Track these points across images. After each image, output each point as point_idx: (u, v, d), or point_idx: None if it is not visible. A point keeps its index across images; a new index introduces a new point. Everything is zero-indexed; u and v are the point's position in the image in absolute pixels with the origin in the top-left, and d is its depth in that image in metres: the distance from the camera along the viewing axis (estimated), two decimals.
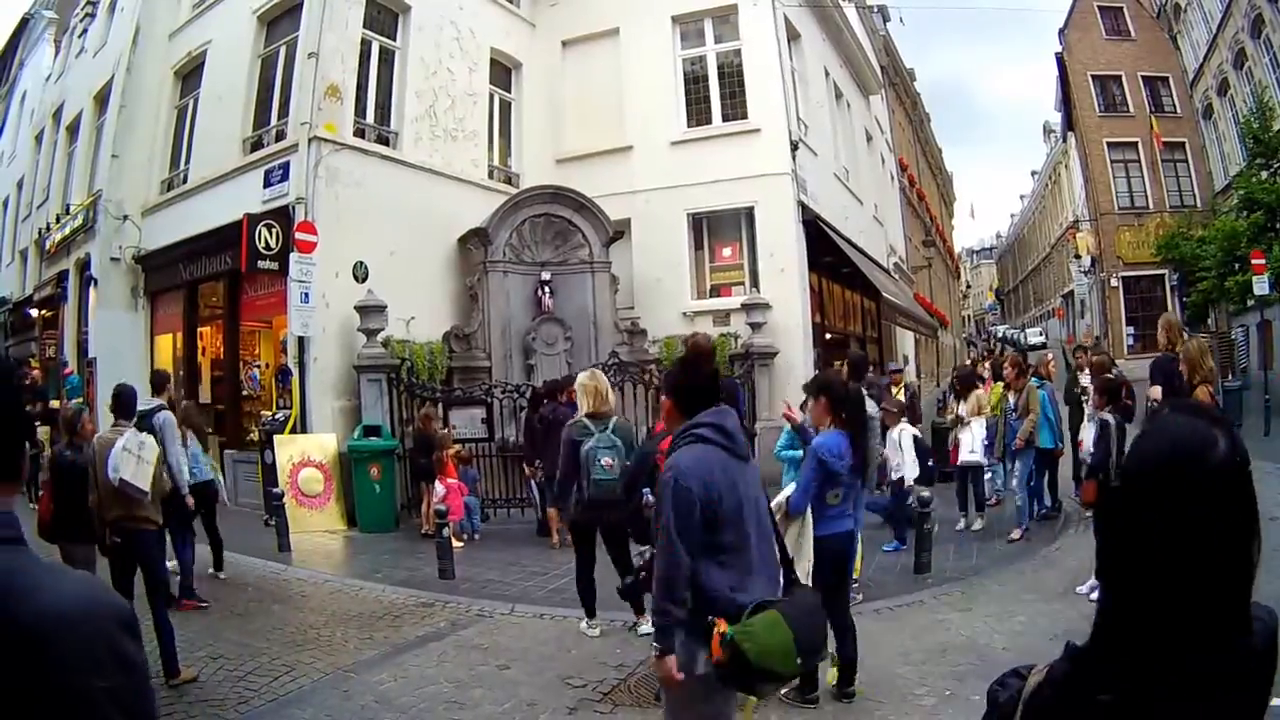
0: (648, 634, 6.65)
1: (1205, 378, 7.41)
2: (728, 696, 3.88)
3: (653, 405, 14.54)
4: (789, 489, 6.10)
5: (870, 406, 7.79)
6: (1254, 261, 21.30)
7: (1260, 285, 21.11)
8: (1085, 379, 13.30)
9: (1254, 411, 18.24)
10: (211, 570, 10.34)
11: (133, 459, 6.84)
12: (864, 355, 9.31)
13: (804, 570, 5.72)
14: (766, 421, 15.39)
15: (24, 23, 29.35)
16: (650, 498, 6.14)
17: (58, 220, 20.98)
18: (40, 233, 22.38)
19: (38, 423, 16.33)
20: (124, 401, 7.56)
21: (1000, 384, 12.32)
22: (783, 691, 5.66)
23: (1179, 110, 35.58)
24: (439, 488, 12.33)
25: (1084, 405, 11.68)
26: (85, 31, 22.71)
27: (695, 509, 3.58)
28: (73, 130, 22.15)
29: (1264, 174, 24.75)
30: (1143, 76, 36.13)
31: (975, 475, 11.80)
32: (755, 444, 15.17)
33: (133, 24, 18.56)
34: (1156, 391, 8.15)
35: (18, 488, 1.53)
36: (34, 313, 23.40)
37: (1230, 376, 21.76)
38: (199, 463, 9.95)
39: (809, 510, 5.94)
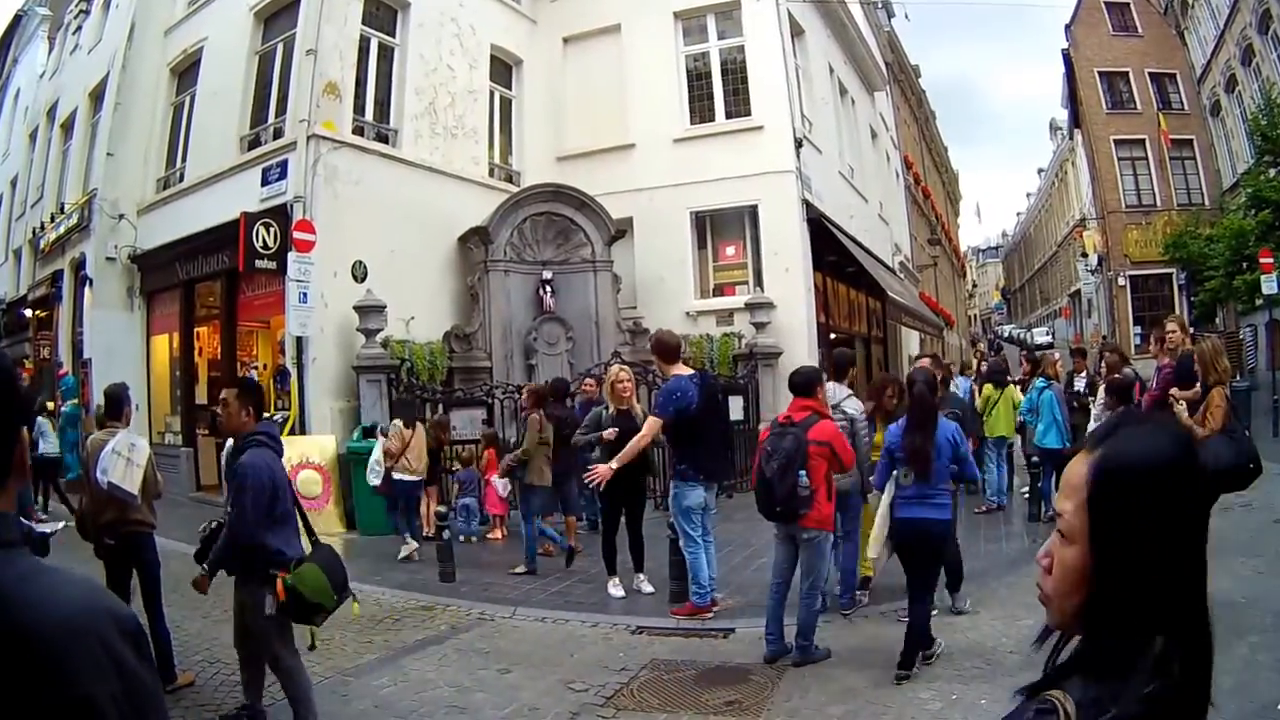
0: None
1: (1220, 379, 7.39)
2: (290, 628, 5.51)
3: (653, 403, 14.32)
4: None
5: (853, 407, 8.12)
6: (1262, 260, 21.10)
7: (1269, 284, 20.92)
8: (1080, 382, 13.26)
9: (1262, 412, 18.11)
10: None
11: (122, 461, 6.70)
12: (848, 352, 9.17)
13: (874, 547, 6.93)
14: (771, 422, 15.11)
15: (17, 19, 29.12)
16: (805, 478, 6.66)
17: (52, 219, 20.81)
18: (34, 232, 22.20)
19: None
20: (115, 402, 7.39)
21: (990, 385, 12.95)
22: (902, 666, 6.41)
23: (1186, 107, 35.34)
24: (497, 483, 12.20)
25: (1089, 408, 11.69)
26: (80, 28, 22.49)
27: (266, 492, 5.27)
28: (67, 128, 21.95)
29: (1272, 172, 24.62)
30: (1150, 73, 35.87)
31: None
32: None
33: (128, 20, 18.39)
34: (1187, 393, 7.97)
35: (14, 487, 1.45)
36: (28, 313, 23.15)
37: (1239, 377, 21.51)
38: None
39: (888, 490, 6.80)
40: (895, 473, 6.74)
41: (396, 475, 11.37)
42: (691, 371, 8.44)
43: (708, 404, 8.19)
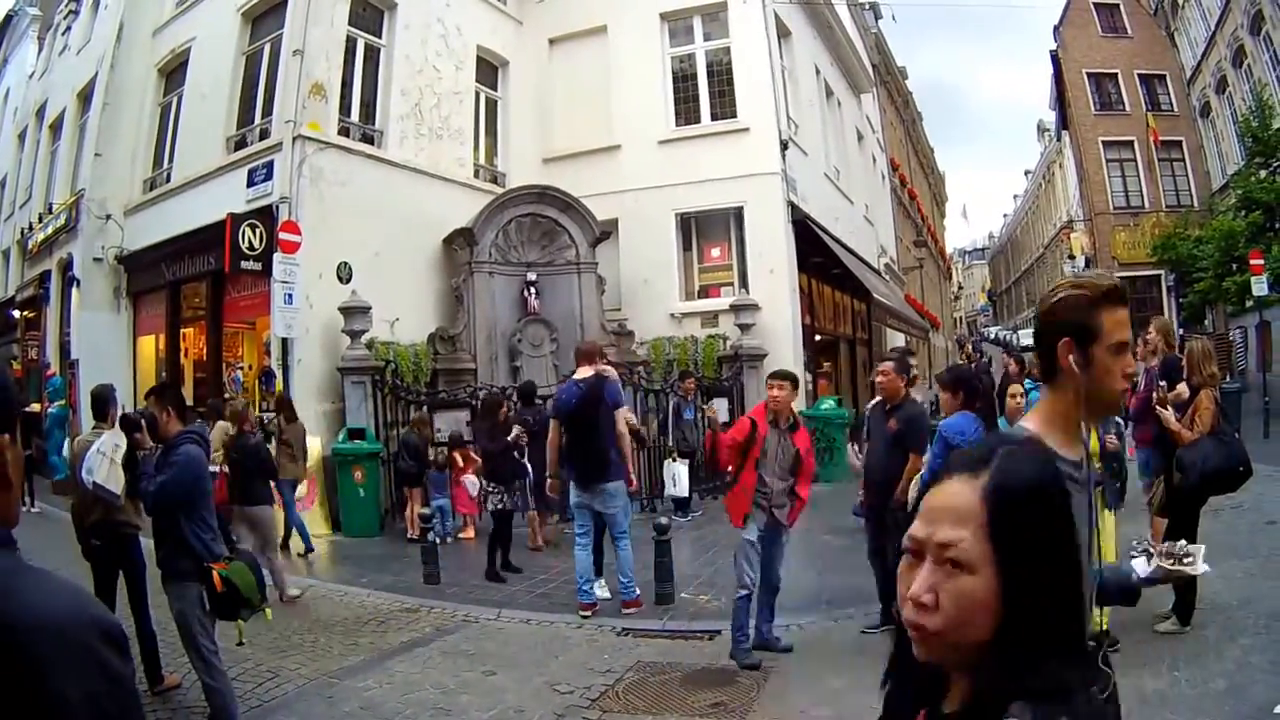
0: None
1: (1204, 381, 7.27)
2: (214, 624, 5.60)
3: (641, 406, 14.53)
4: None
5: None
6: (1252, 262, 21.16)
7: (1259, 286, 20.98)
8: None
9: (1253, 414, 18.08)
10: None
11: (106, 461, 6.66)
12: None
13: None
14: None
15: (7, 19, 29.08)
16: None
17: (40, 220, 20.81)
18: (23, 232, 22.20)
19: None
20: (101, 403, 7.46)
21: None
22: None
23: (1176, 108, 35.35)
24: (467, 482, 12.35)
25: None
26: (69, 28, 22.49)
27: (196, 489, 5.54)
28: (56, 128, 21.96)
29: (1263, 173, 24.65)
30: (1139, 74, 35.85)
31: None
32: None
33: (116, 21, 18.38)
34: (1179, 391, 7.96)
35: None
36: (16, 314, 23.21)
37: (1229, 378, 21.61)
38: None
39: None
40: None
41: None
42: (586, 375, 8.64)
43: (582, 407, 8.48)
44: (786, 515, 7.19)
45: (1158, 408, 7.52)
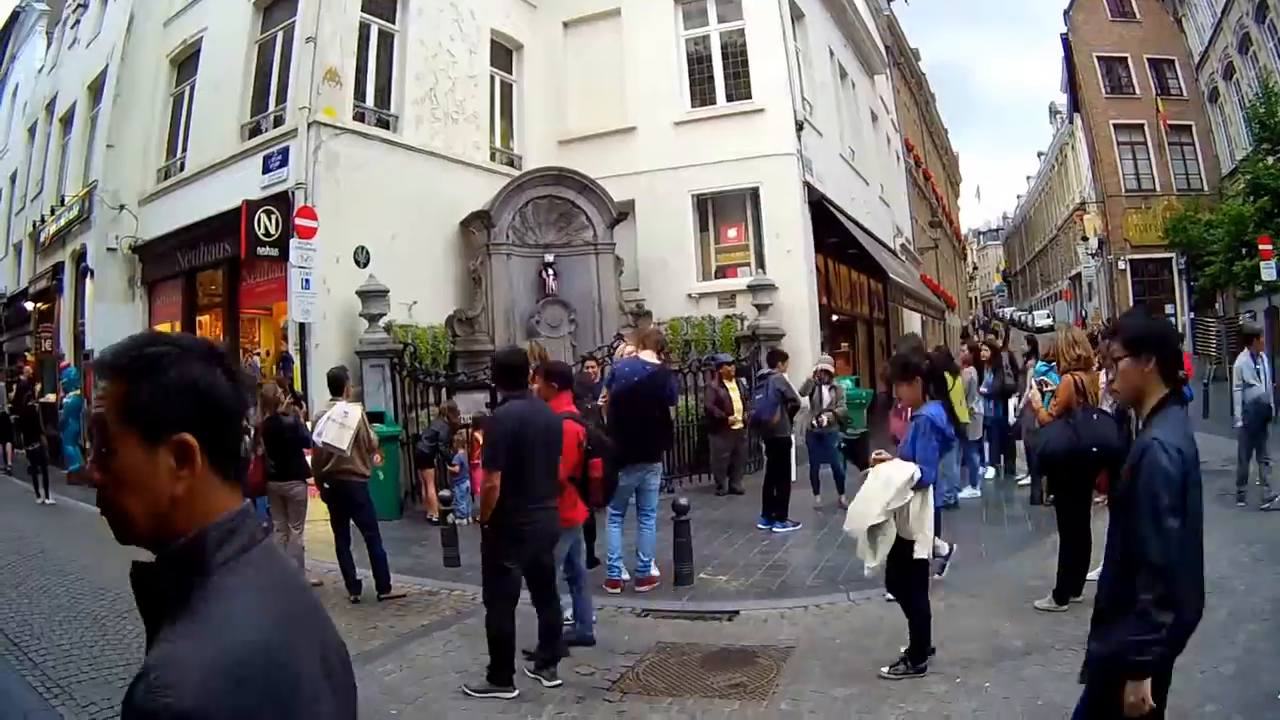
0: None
1: (1070, 366, 7.65)
2: None
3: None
4: (908, 467, 6.07)
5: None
6: (1262, 247, 21.27)
7: (1268, 271, 21.08)
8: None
9: None
10: None
11: (335, 425, 8.74)
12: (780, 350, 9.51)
13: (928, 543, 6.05)
14: None
15: (15, 15, 29.09)
16: None
17: (52, 212, 20.81)
18: (35, 225, 22.20)
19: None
20: (337, 382, 9.45)
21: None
22: (885, 670, 6.12)
23: (1185, 93, 35.33)
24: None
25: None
26: (78, 22, 22.43)
27: None
28: (66, 121, 21.90)
29: (1270, 159, 24.65)
30: (1148, 59, 35.83)
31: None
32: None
33: (127, 12, 18.36)
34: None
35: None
36: (29, 306, 23.20)
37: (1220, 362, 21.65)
38: None
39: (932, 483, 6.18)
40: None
41: None
42: (653, 359, 8.89)
43: (651, 386, 8.65)
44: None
45: (1029, 393, 7.76)
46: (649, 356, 8.74)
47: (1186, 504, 3.08)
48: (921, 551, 6.01)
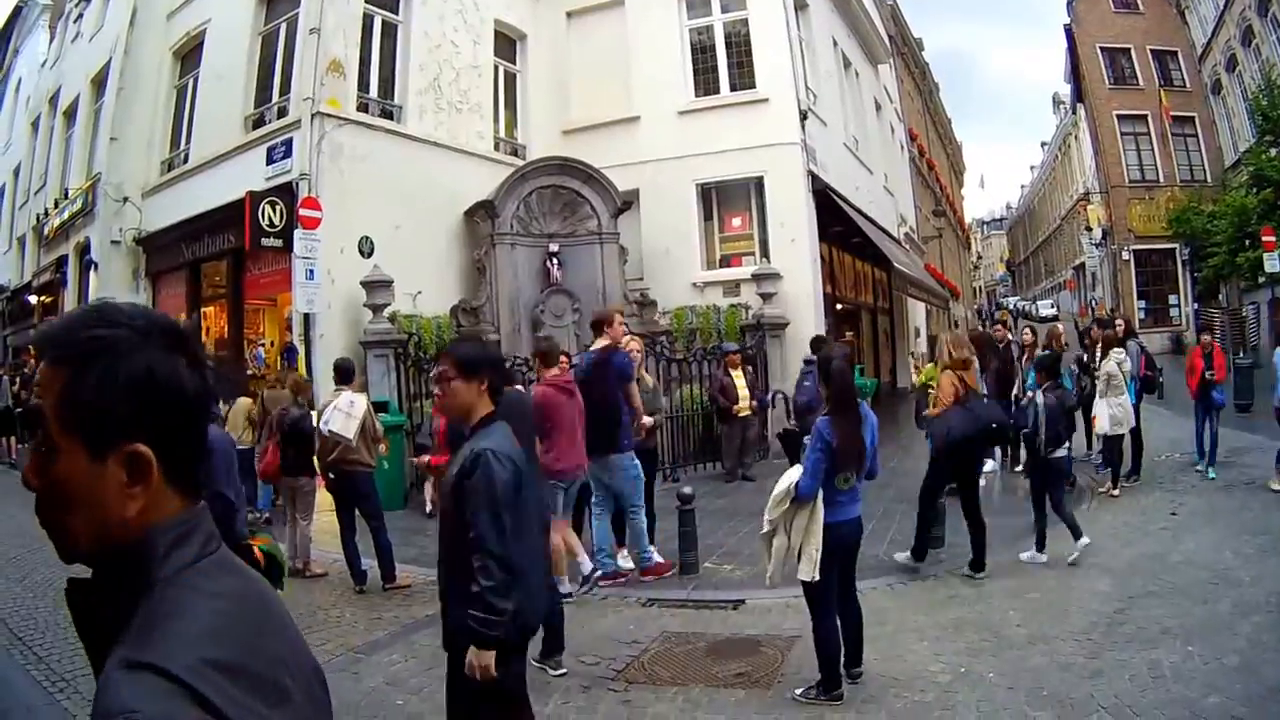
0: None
1: (949, 365, 8.50)
2: None
3: (663, 375, 14.48)
4: (793, 473, 5.84)
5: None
6: (1264, 238, 21.31)
7: (1271, 262, 21.14)
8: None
9: (1264, 389, 17.78)
10: None
11: (341, 415, 8.87)
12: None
13: (813, 558, 5.57)
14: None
15: (18, 10, 29.16)
16: None
17: (56, 205, 20.82)
18: (38, 219, 22.24)
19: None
20: (346, 372, 9.58)
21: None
22: (799, 692, 5.74)
23: (1188, 84, 35.23)
24: None
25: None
26: (81, 16, 22.47)
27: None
28: (70, 115, 21.93)
29: (1273, 151, 24.69)
30: (1151, 50, 35.75)
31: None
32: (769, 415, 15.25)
33: (129, 6, 18.36)
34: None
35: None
36: (33, 299, 23.25)
37: (1241, 354, 21.62)
38: None
39: (819, 495, 5.67)
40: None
41: None
42: (599, 345, 8.72)
43: (590, 378, 8.51)
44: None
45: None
46: (599, 343, 8.55)
47: (520, 504, 3.67)
48: (804, 572, 5.65)
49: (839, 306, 20.29)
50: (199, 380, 1.27)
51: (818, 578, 5.58)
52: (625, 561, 8.87)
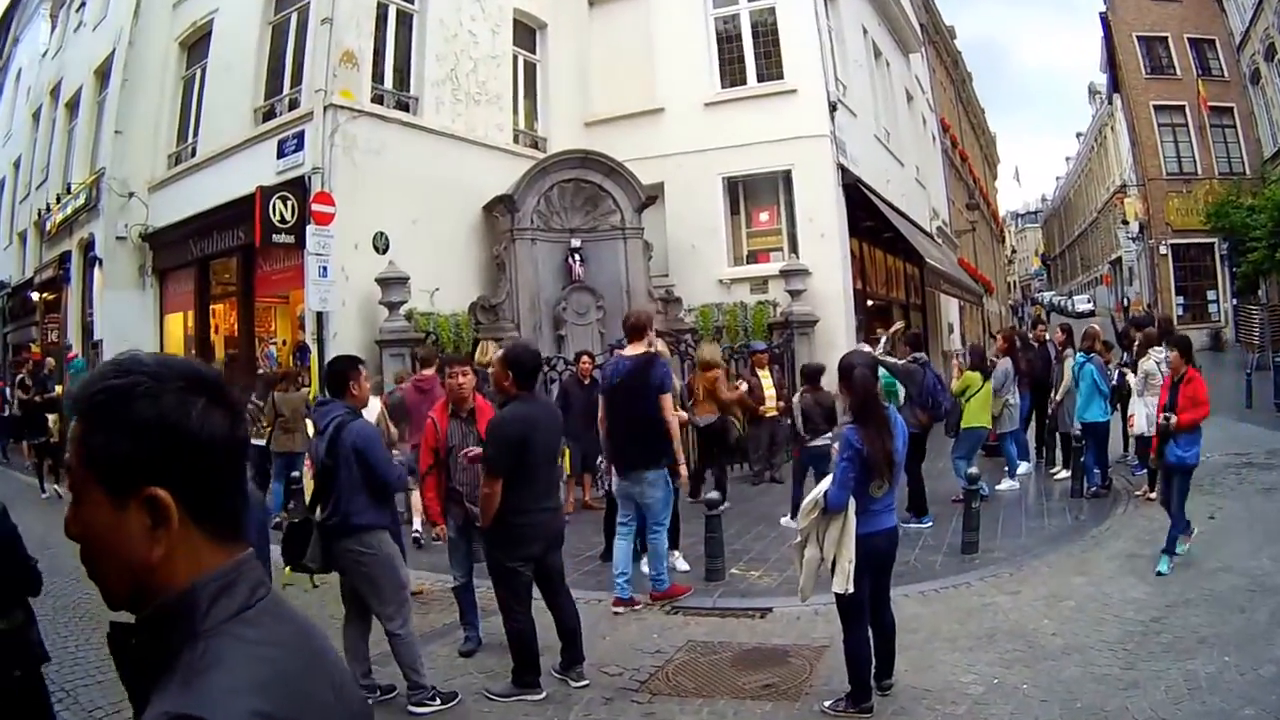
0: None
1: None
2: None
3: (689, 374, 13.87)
4: (824, 484, 5.69)
5: None
6: None
7: None
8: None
9: None
10: None
11: None
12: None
13: (846, 570, 5.41)
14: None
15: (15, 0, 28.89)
16: None
17: (58, 200, 20.45)
18: (40, 213, 21.91)
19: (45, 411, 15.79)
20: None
21: (976, 372, 11.62)
22: (828, 705, 5.64)
23: (1226, 74, 34.52)
24: None
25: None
26: (83, 5, 22.07)
27: None
28: (72, 107, 21.58)
29: None
30: (1189, 38, 35.01)
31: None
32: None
33: None
34: None
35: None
36: (35, 296, 23.01)
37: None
38: None
39: (851, 505, 5.48)
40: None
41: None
42: (636, 352, 7.99)
43: (626, 387, 7.92)
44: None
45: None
46: (634, 349, 7.96)
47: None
48: (837, 584, 5.46)
49: (870, 303, 19.89)
50: (225, 423, 1.29)
51: (852, 590, 5.44)
52: (681, 563, 8.79)
